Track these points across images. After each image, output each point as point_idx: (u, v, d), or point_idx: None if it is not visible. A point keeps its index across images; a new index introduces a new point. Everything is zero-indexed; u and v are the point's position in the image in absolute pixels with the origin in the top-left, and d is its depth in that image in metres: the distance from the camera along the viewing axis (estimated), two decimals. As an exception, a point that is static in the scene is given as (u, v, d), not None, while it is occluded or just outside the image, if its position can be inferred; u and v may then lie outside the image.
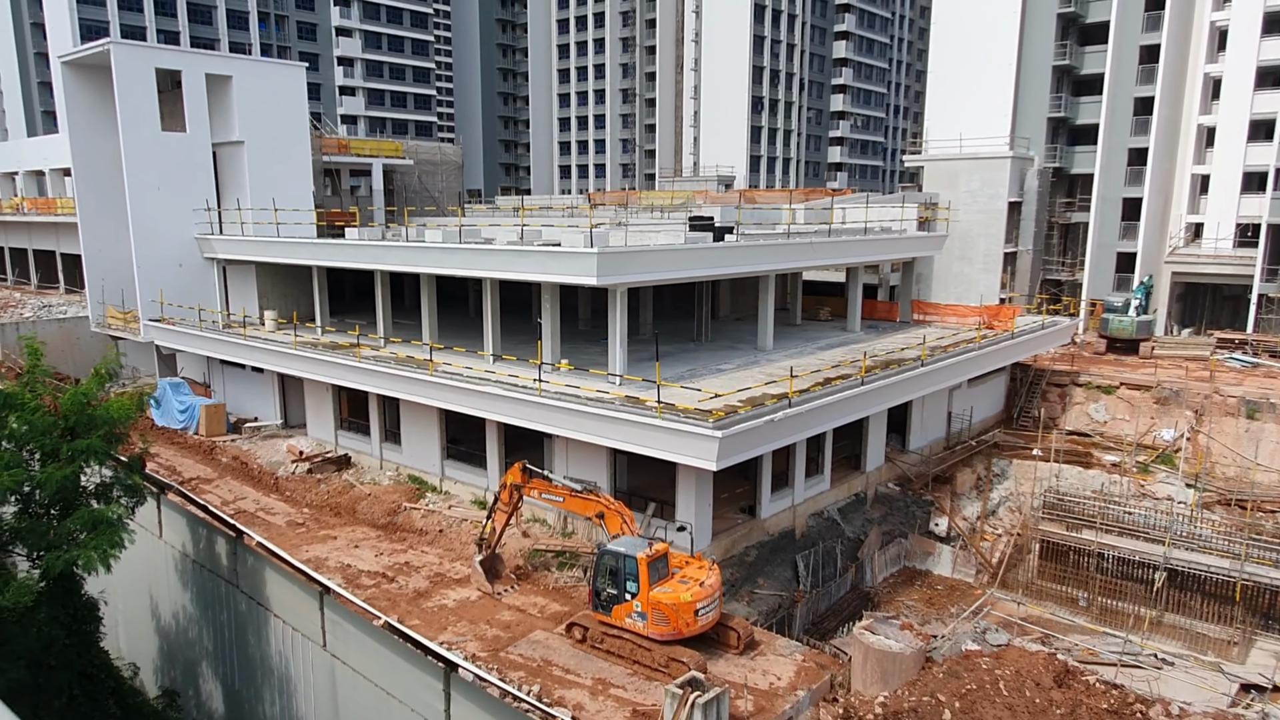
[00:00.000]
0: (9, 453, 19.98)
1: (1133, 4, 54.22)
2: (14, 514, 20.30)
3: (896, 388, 28.75)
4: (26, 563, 20.61)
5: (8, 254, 65.96)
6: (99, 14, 77.01)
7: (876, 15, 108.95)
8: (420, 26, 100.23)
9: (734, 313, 42.98)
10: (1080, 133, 57.94)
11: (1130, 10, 54.28)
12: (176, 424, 37.57)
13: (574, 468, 26.24)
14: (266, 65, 50.59)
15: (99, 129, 40.79)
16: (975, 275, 47.26)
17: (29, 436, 20.45)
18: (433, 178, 62.65)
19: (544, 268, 26.72)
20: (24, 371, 23.32)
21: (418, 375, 28.31)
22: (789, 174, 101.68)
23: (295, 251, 37.13)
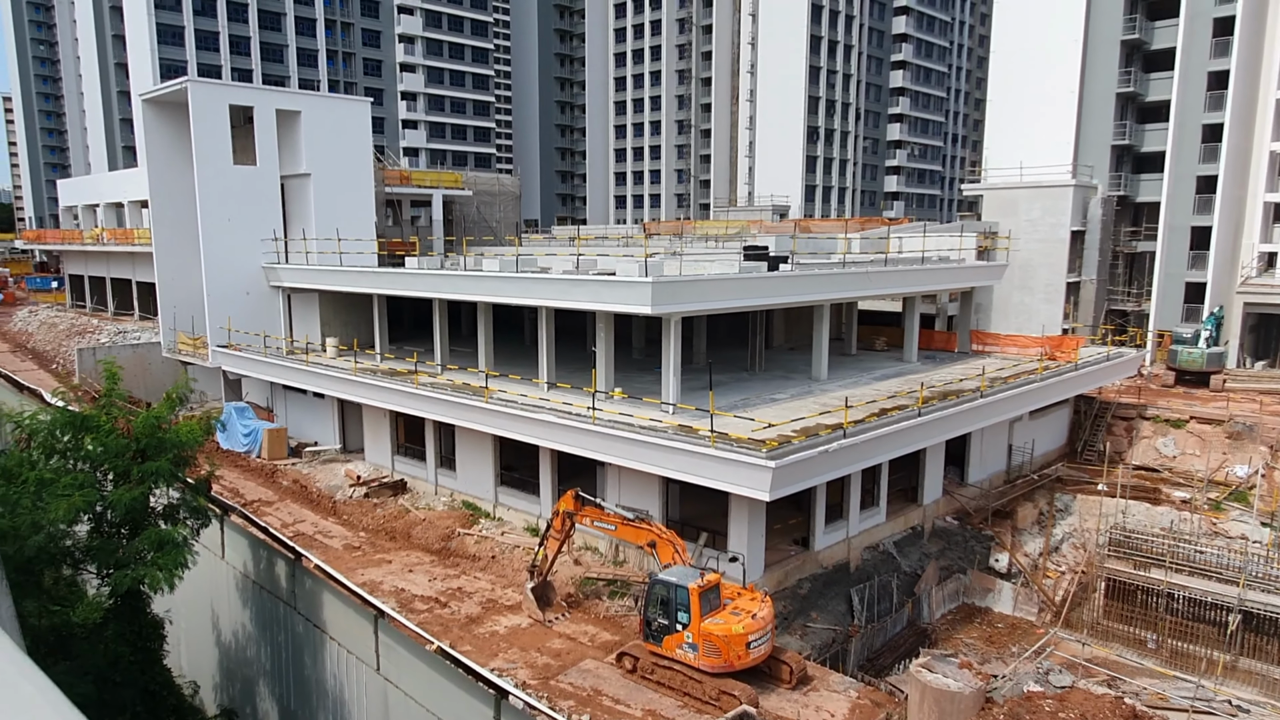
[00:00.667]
0: (84, 474, 20.75)
1: (1200, 30, 53.03)
2: (87, 533, 21.01)
3: (955, 419, 28.23)
4: (97, 580, 21.30)
5: (87, 282, 68.87)
6: (178, 54, 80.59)
7: (934, 44, 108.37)
8: (481, 62, 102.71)
9: (788, 342, 42.74)
10: (1146, 160, 56.61)
11: (1197, 36, 53.09)
12: (240, 447, 38.59)
13: (626, 496, 26.25)
14: (333, 101, 52.31)
15: (175, 163, 42.55)
16: (1036, 305, 46.29)
17: (103, 458, 21.21)
18: (491, 208, 63.81)
19: (599, 297, 26.96)
20: (100, 395, 24.25)
21: (473, 402, 28.69)
22: (844, 203, 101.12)
23: (357, 280, 38.09)
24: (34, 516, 18.42)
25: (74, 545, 20.52)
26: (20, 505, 18.92)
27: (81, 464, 21.30)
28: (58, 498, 19.14)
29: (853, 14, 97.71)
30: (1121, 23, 54.88)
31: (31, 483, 19.62)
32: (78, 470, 20.97)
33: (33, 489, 19.45)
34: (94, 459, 21.34)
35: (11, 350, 60.37)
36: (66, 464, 21.29)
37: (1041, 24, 57.01)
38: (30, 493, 19.36)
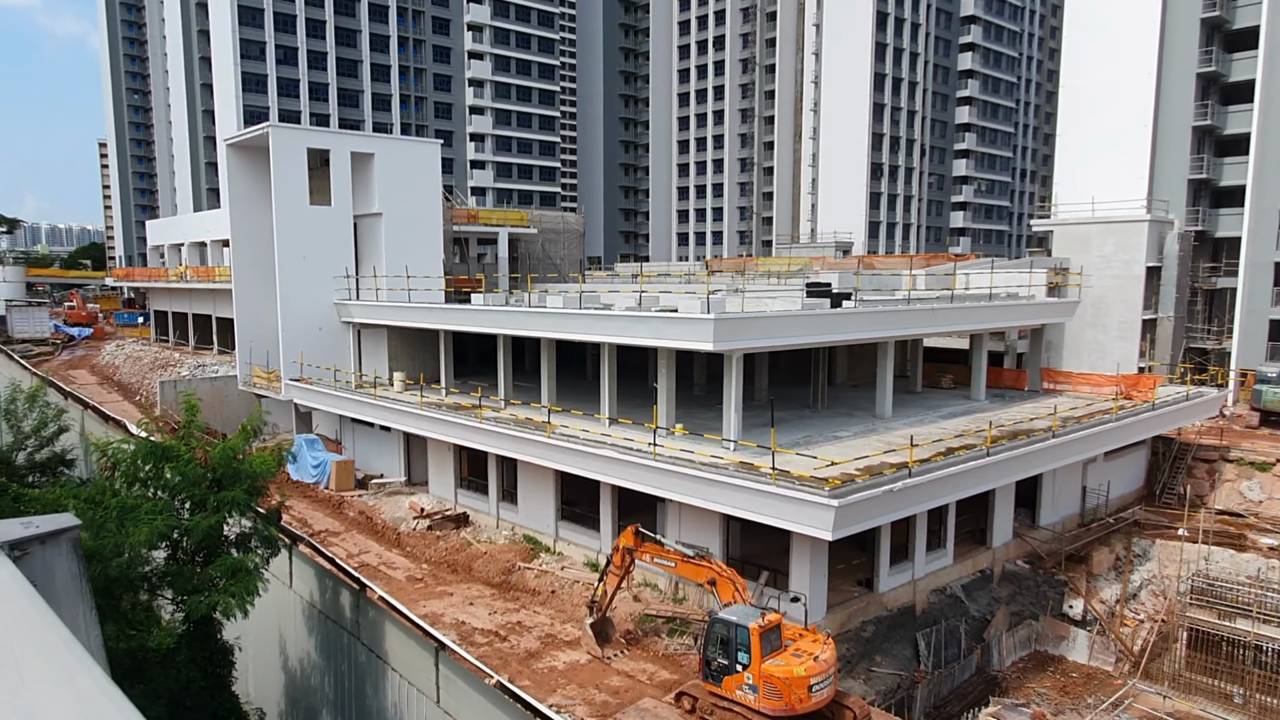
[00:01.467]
0: (163, 501, 21.53)
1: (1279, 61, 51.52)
2: (163, 560, 21.74)
3: (1025, 460, 27.46)
4: (171, 606, 21.97)
5: (171, 318, 71.91)
6: (261, 100, 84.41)
7: (1000, 80, 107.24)
8: (547, 103, 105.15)
9: (851, 379, 42.24)
10: (1225, 194, 54.83)
11: (1277, 68, 51.55)
12: (310, 478, 39.56)
13: (686, 532, 26.11)
14: (405, 143, 54.06)
15: (255, 203, 44.39)
16: (1110, 343, 44.93)
17: (181, 487, 21.98)
18: (555, 245, 64.86)
19: (661, 333, 27.11)
20: (180, 426, 25.22)
21: (535, 437, 28.98)
22: (909, 239, 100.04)
23: (424, 316, 39.00)
24: (117, 540, 19.15)
25: (152, 571, 21.25)
26: (105, 529, 19.72)
27: (161, 492, 22.11)
28: (139, 523, 19.88)
29: (917, 51, 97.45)
30: (1197, 56, 53.63)
31: (114, 509, 20.44)
32: (157, 498, 21.76)
33: (115, 515, 20.26)
34: (173, 488, 22.14)
35: (99, 382, 63.18)
36: (147, 492, 22.13)
37: (1113, 58, 56.07)
38: (114, 518, 20.17)
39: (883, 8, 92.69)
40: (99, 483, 24.08)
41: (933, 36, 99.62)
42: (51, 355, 76.16)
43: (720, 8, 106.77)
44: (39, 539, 5.02)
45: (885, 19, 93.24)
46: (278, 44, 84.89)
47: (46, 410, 34.46)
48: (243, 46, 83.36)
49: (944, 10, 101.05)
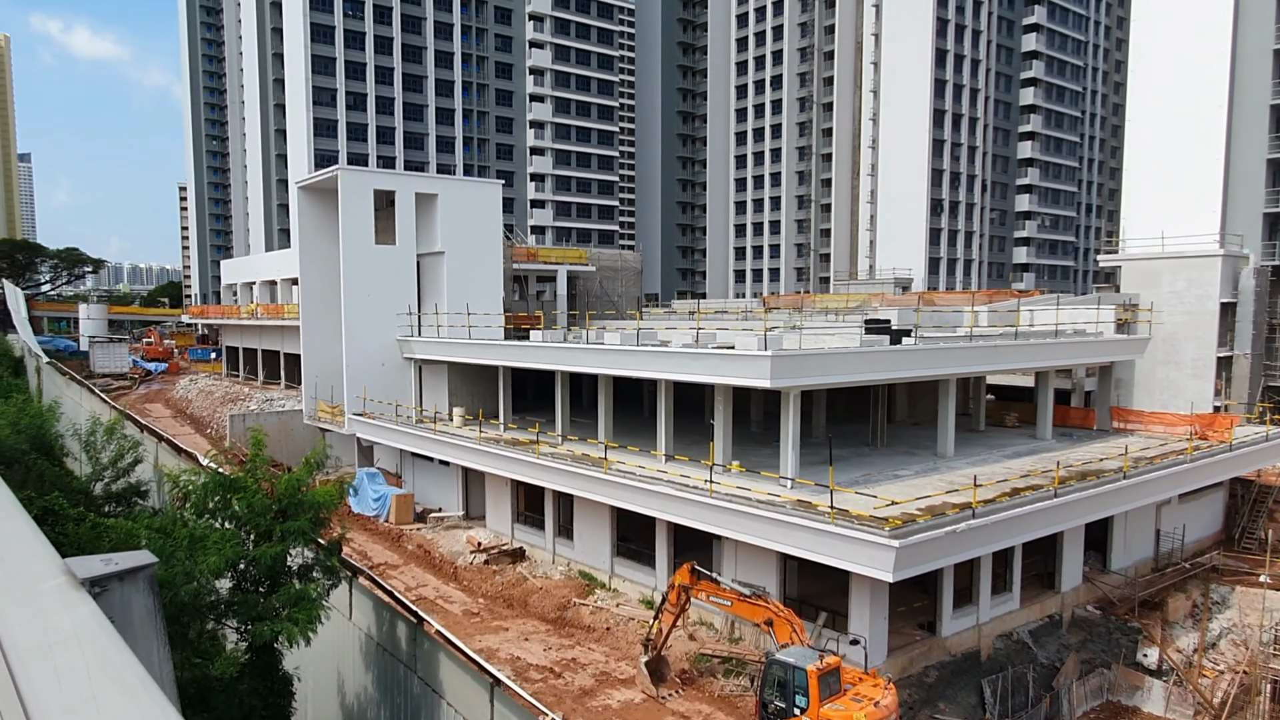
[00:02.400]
0: (230, 531, 22.13)
1: (1361, 90, 49.85)
2: (229, 589, 22.29)
3: (1095, 501, 26.59)
4: (235, 635, 22.45)
5: (241, 353, 74.28)
6: (331, 144, 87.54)
7: (1064, 114, 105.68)
8: (606, 143, 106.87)
9: (911, 417, 41.51)
10: (1305, 228, 52.93)
11: (1359, 96, 49.89)
12: (370, 511, 40.22)
13: (743, 571, 25.81)
14: (468, 184, 55.42)
15: (323, 243, 45.86)
16: (1183, 381, 43.42)
17: (248, 518, 22.59)
18: (613, 282, 65.47)
19: (718, 370, 27.08)
20: (247, 459, 25.97)
21: (592, 473, 29.07)
22: (970, 276, 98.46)
23: (484, 353, 39.63)
24: (186, 567, 19.71)
25: (218, 599, 21.79)
26: (175, 557, 20.33)
27: (228, 523, 22.74)
28: (208, 552, 20.46)
29: (977, 88, 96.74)
30: (1270, 88, 52.22)
31: (184, 538, 21.09)
32: (224, 529, 22.38)
33: (185, 544, 20.89)
34: (239, 518, 22.76)
35: (173, 415, 65.40)
36: (215, 522, 22.79)
37: (1181, 91, 54.90)
38: (184, 546, 20.80)
39: (941, 45, 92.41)
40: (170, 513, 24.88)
41: (993, 73, 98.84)
42: (130, 389, 79.18)
43: (778, 48, 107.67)
44: (118, 576, 5.20)
45: (944, 56, 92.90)
46: (348, 90, 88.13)
47: (123, 442, 35.76)
48: (315, 94, 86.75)
49: (1004, 46, 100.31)
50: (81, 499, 30.68)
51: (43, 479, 31.65)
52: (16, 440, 34.49)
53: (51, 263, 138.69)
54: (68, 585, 4.71)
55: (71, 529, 23.13)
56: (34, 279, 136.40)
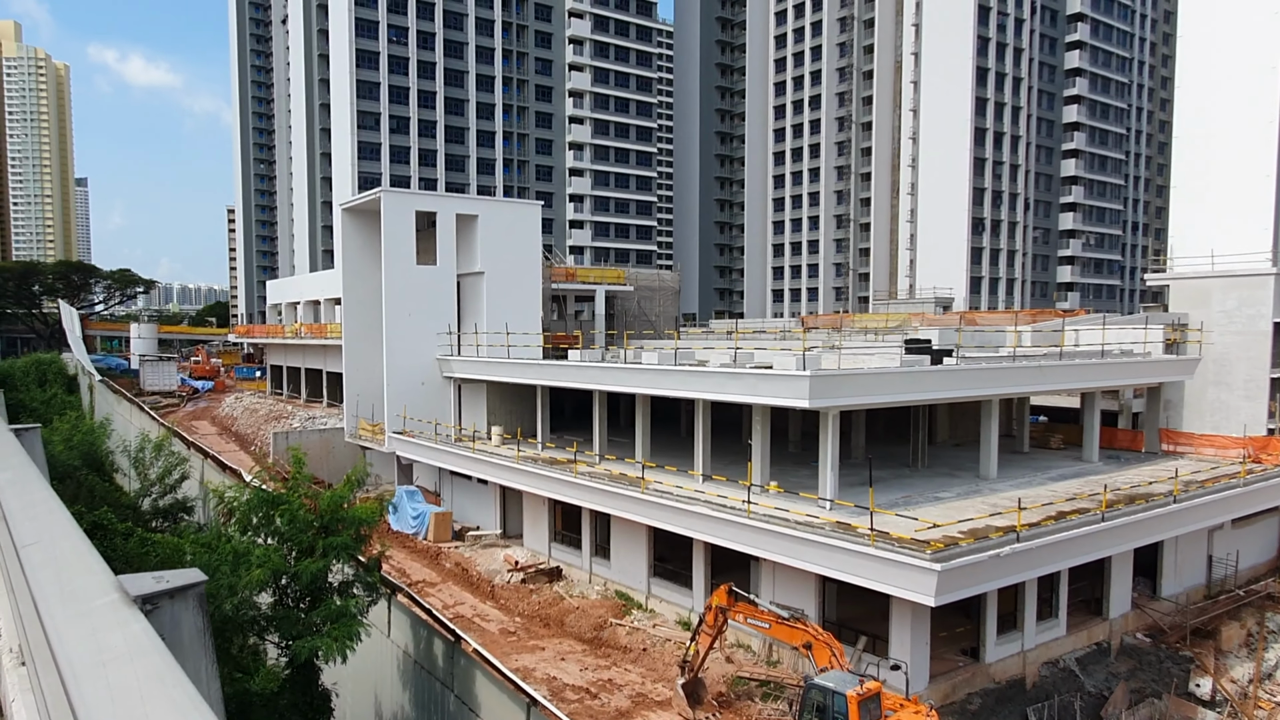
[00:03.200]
0: (273, 548, 22.45)
1: None
2: (270, 604, 22.58)
3: (1144, 526, 25.93)
4: (275, 650, 22.72)
5: (285, 372, 75.60)
6: (374, 167, 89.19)
7: (1109, 132, 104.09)
8: (645, 164, 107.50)
9: (953, 438, 40.90)
10: (1363, 245, 51.37)
11: None
12: (409, 529, 40.54)
13: (781, 593, 25.54)
14: (507, 205, 56.07)
15: (365, 264, 46.63)
16: (1235, 402, 42.25)
17: (290, 533, 22.91)
18: (651, 302, 65.62)
19: (755, 390, 26.97)
20: (290, 476, 26.37)
21: (629, 492, 29.03)
22: (1013, 295, 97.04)
23: (523, 372, 39.89)
24: (230, 581, 20.03)
25: (260, 614, 22.09)
26: (219, 572, 20.68)
27: (271, 538, 23.09)
28: (252, 566, 20.79)
29: (1019, 106, 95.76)
30: (1324, 101, 50.90)
31: (228, 554, 21.46)
32: (268, 544, 22.72)
33: (229, 558, 21.25)
34: (282, 534, 23.09)
35: (219, 433, 66.67)
36: (258, 538, 23.15)
37: (1230, 107, 53.81)
38: (228, 561, 21.16)
39: (982, 63, 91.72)
40: (215, 528, 25.34)
41: (1035, 91, 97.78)
42: (177, 406, 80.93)
43: (816, 68, 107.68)
44: (169, 593, 5.29)
45: (985, 74, 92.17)
46: (391, 114, 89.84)
47: (171, 459, 36.57)
48: (359, 118, 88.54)
49: (1046, 64, 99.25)
50: (130, 514, 31.37)
51: (93, 494, 32.47)
52: (69, 456, 35.43)
53: (105, 283, 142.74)
54: (120, 602, 4.81)
55: (119, 543, 23.66)
56: (88, 299, 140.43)
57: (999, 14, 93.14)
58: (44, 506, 6.99)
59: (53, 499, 7.11)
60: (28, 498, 7.34)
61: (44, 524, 6.43)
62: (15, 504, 7.08)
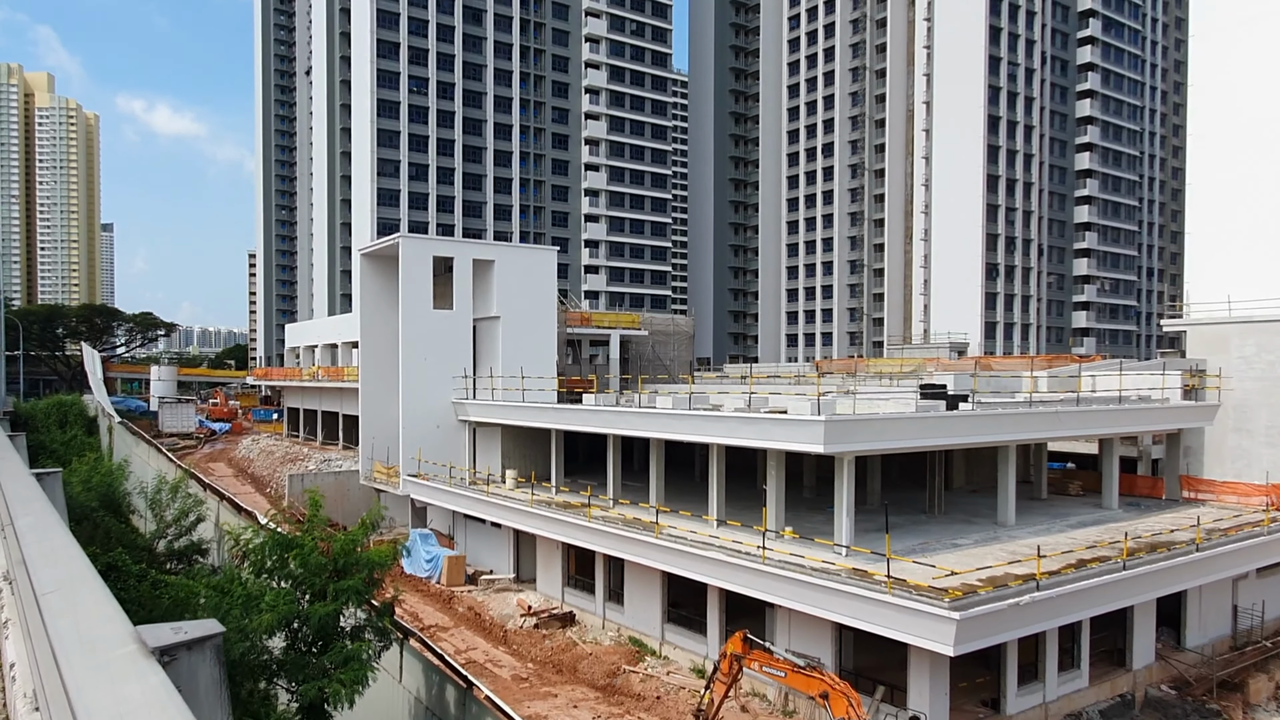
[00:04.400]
0: (286, 591, 22.43)
1: None
2: (282, 648, 22.50)
3: (1166, 575, 25.51)
4: (286, 695, 22.57)
5: (302, 414, 76.02)
6: (393, 213, 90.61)
7: (1122, 178, 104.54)
8: (659, 210, 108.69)
9: (970, 484, 40.53)
10: (1382, 291, 51.07)
11: None
12: (422, 573, 40.37)
13: (797, 641, 25.21)
14: (524, 251, 56.72)
15: (383, 307, 47.14)
16: (1257, 449, 41.74)
17: (304, 577, 22.90)
18: (665, 347, 65.81)
19: (770, 435, 26.92)
20: (305, 519, 26.43)
21: (643, 537, 28.89)
22: (1028, 340, 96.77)
23: (537, 416, 39.99)
24: (240, 624, 20.01)
25: (271, 659, 22.01)
26: (230, 615, 20.67)
27: (284, 582, 23.07)
28: (263, 611, 20.77)
29: (1031, 153, 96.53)
30: (1338, 148, 51.07)
31: (239, 597, 21.47)
32: (280, 588, 22.71)
33: (241, 602, 21.25)
34: (295, 578, 23.08)
35: (235, 474, 66.93)
36: (272, 581, 23.15)
37: (1244, 153, 54.06)
38: (239, 604, 21.16)
39: (994, 111, 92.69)
40: (229, 571, 25.36)
41: (1047, 138, 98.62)
42: (195, 448, 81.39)
43: (829, 116, 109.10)
44: (186, 645, 5.30)
45: (997, 123, 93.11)
46: (410, 162, 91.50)
47: (187, 501, 36.75)
48: (379, 165, 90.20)
49: (1058, 113, 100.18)
50: (145, 555, 31.48)
51: (109, 535, 32.62)
52: (87, 497, 35.65)
53: (127, 326, 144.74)
54: (139, 654, 4.83)
55: (133, 586, 23.73)
56: (110, 342, 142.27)
57: (1009, 64, 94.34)
58: (64, 553, 7.03)
59: (73, 545, 7.16)
60: (49, 543, 7.39)
61: (64, 571, 6.47)
62: (35, 550, 7.12)
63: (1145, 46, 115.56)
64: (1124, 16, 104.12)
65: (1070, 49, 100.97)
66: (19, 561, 7.04)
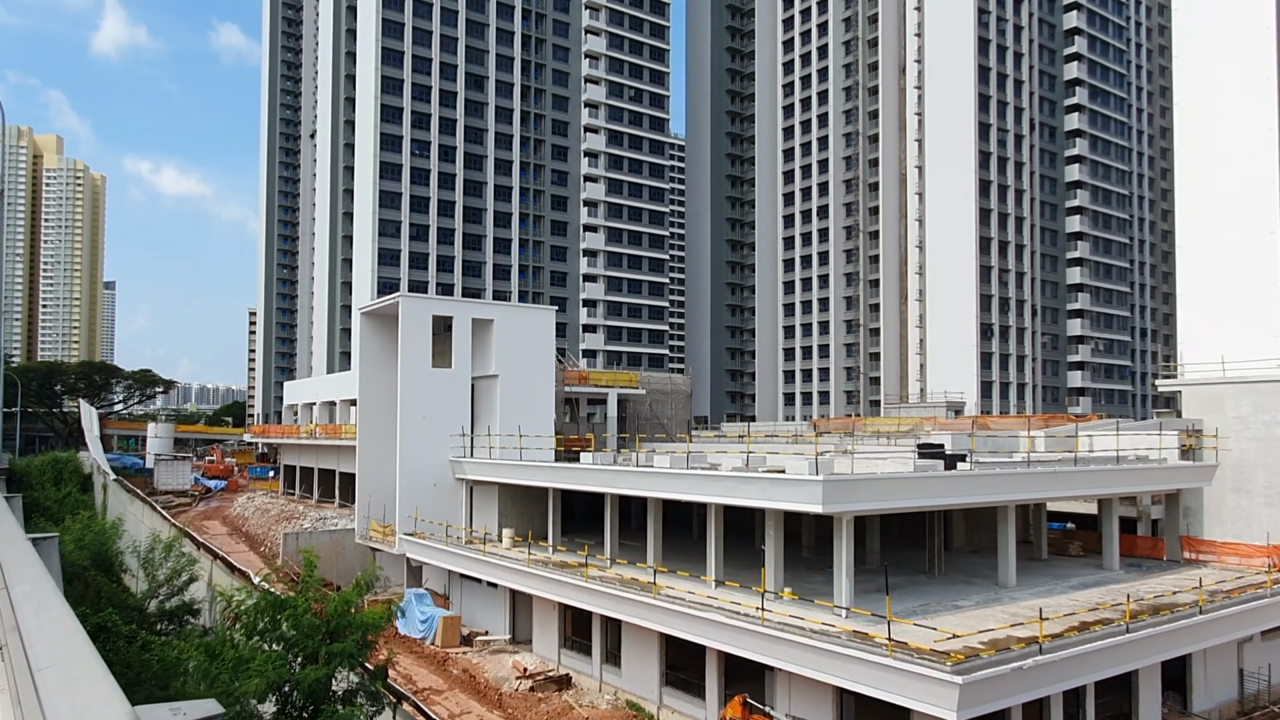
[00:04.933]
0: (277, 654, 22.12)
1: None
2: (273, 714, 22.10)
3: (1170, 638, 25.25)
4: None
5: (298, 472, 75.62)
6: (393, 272, 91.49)
7: (1113, 241, 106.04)
8: (657, 271, 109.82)
9: (969, 544, 40.27)
10: (1374, 352, 51.45)
11: None
12: (417, 633, 39.78)
13: (797, 705, 24.81)
14: (522, 310, 57.22)
15: (382, 366, 47.34)
16: (1256, 510, 41.61)
17: (296, 640, 22.62)
18: (663, 405, 65.88)
19: (768, 495, 26.87)
20: (299, 579, 26.19)
21: (641, 598, 28.60)
22: (1024, 399, 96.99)
23: (534, 474, 39.88)
24: (230, 688, 19.71)
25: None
26: (219, 680, 20.36)
27: (276, 644, 22.76)
28: (252, 675, 20.46)
29: (1023, 216, 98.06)
30: (1324, 211, 51.96)
31: (230, 660, 21.15)
32: (272, 650, 22.40)
33: (230, 666, 20.94)
34: (287, 640, 22.79)
35: (229, 533, 66.27)
36: (263, 644, 22.84)
37: (1231, 217, 54.99)
38: (229, 669, 20.84)
39: (985, 175, 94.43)
40: (220, 633, 25.04)
41: (1038, 202, 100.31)
42: (189, 506, 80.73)
43: (824, 180, 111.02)
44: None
45: (988, 187, 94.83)
46: (411, 222, 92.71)
47: (180, 560, 36.42)
48: (381, 226, 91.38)
49: (1048, 177, 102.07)
50: (135, 616, 31.07)
51: (99, 595, 32.24)
52: (79, 556, 35.33)
53: (126, 383, 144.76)
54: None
55: (122, 647, 23.38)
56: (108, 398, 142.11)
57: (999, 130, 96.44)
58: (60, 626, 6.81)
59: (69, 617, 6.99)
60: (45, 614, 7.19)
61: (60, 645, 6.29)
62: (32, 621, 6.94)
63: (1131, 114, 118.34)
64: (1109, 85, 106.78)
65: (1058, 115, 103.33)
66: (13, 628, 6.91)
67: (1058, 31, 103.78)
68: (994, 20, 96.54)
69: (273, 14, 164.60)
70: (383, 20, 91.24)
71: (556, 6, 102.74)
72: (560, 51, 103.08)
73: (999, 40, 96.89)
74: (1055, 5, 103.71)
